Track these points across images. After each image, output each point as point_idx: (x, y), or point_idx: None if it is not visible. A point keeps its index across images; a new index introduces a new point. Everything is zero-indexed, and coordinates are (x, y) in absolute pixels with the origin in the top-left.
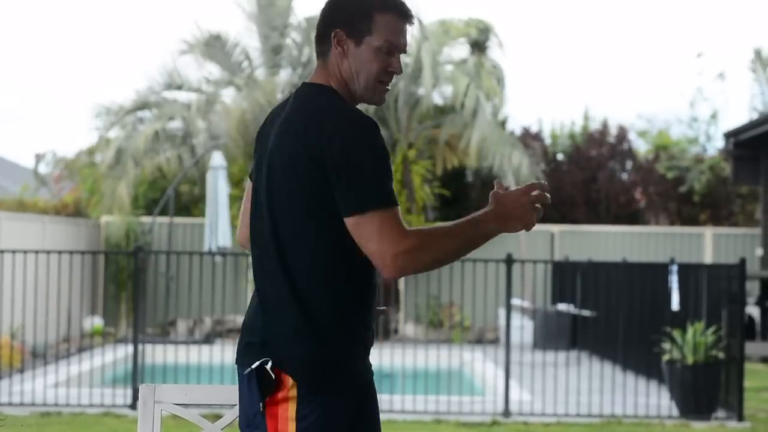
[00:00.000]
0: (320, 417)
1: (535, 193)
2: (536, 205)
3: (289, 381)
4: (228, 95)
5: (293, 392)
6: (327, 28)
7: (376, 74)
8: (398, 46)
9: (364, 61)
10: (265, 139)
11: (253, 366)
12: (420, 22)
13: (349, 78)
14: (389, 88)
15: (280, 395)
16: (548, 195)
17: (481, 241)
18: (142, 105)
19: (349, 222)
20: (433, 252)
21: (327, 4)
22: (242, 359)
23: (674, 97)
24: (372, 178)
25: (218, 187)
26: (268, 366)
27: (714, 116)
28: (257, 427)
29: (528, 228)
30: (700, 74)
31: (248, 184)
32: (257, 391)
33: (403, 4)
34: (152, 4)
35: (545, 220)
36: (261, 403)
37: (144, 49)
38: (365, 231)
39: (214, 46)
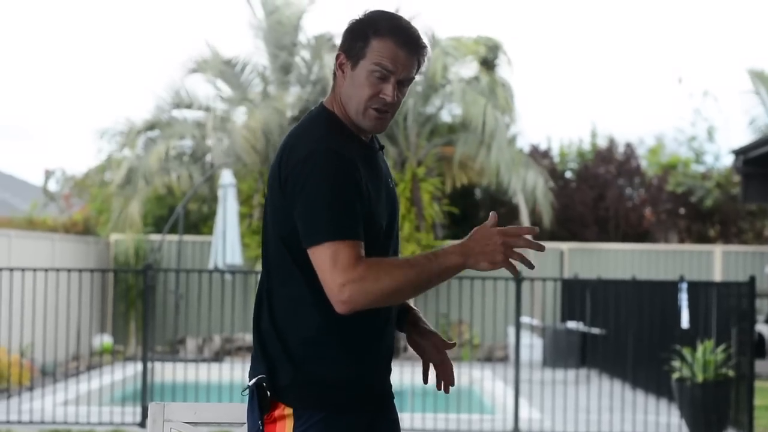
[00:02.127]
0: None
1: (519, 235)
2: (513, 247)
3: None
4: (238, 114)
5: (288, 410)
6: (338, 50)
7: (366, 99)
8: (391, 71)
9: (356, 84)
10: None
11: (250, 383)
12: (430, 39)
13: (345, 101)
14: (382, 116)
15: (277, 413)
16: (540, 244)
17: (443, 274)
18: (152, 125)
19: (308, 252)
20: (384, 282)
21: (345, 29)
22: (249, 377)
23: (675, 116)
24: (327, 210)
25: (227, 205)
26: (265, 384)
27: (711, 134)
28: None
29: (495, 266)
30: (691, 96)
31: None
32: (257, 408)
33: (405, 31)
34: (160, 23)
35: (555, 238)
36: (260, 421)
37: (152, 67)
38: (318, 262)
39: (223, 65)
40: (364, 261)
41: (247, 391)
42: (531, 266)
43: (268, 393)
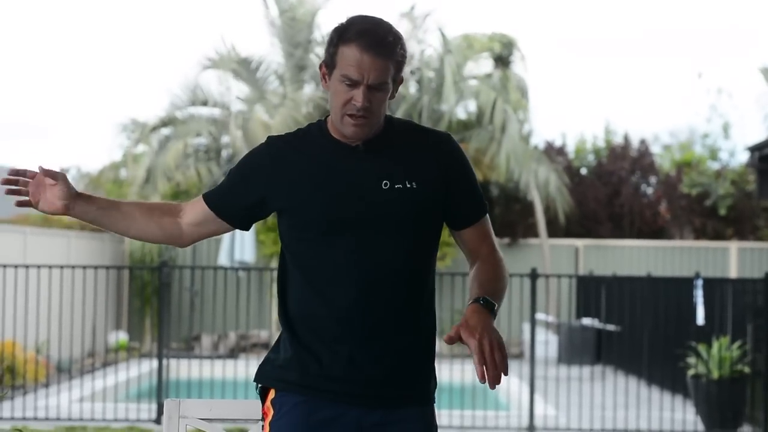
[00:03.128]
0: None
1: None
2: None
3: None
4: (254, 111)
5: (268, 403)
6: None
7: (341, 107)
8: (356, 80)
9: (332, 93)
10: None
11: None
12: (443, 36)
13: (331, 110)
14: (358, 122)
15: (265, 406)
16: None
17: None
18: (168, 121)
19: None
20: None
21: None
22: None
23: (690, 112)
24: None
25: None
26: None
27: (726, 130)
28: None
29: None
30: (708, 92)
31: None
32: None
33: (370, 35)
34: (174, 21)
35: (570, 234)
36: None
37: (167, 65)
38: None
39: (239, 63)
40: None
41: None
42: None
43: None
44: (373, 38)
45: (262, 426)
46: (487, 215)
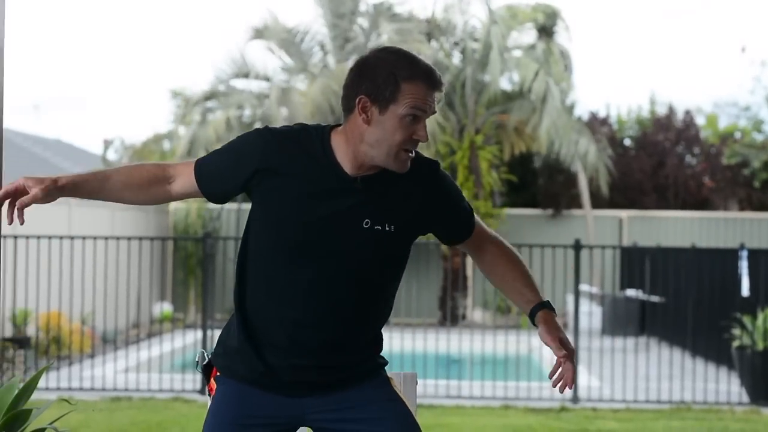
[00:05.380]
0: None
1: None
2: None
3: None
4: (298, 82)
5: (212, 381)
6: (353, 92)
7: (400, 143)
8: (424, 112)
9: (387, 129)
10: None
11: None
12: (488, 6)
13: (371, 144)
14: (411, 156)
15: (210, 383)
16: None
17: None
18: (212, 94)
19: None
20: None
21: (356, 67)
22: None
23: (734, 84)
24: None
25: None
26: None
27: None
28: None
29: None
30: (752, 63)
31: None
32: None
33: (432, 73)
34: None
35: (614, 205)
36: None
37: (211, 37)
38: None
39: (284, 33)
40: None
41: None
42: None
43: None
44: (435, 76)
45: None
46: (475, 217)
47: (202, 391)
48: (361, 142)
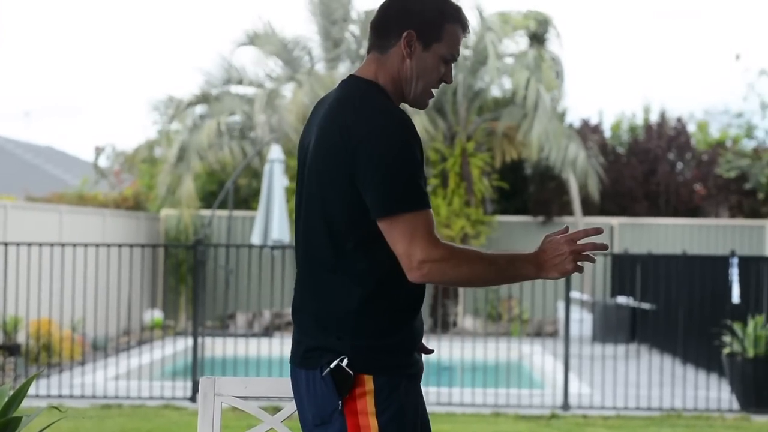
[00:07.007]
0: (398, 407)
1: (583, 241)
2: (581, 252)
3: (364, 376)
4: (289, 89)
5: (370, 386)
6: (397, 25)
7: (434, 82)
8: (456, 56)
9: (427, 67)
10: (309, 129)
11: (332, 366)
12: (481, 13)
13: (406, 79)
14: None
15: (358, 391)
16: (605, 244)
17: (517, 279)
18: (202, 99)
19: (381, 224)
20: (462, 270)
21: (397, 2)
22: (307, 362)
23: (726, 91)
24: (405, 180)
25: (274, 180)
26: (344, 363)
27: (764, 109)
28: (332, 424)
29: (564, 275)
30: (747, 70)
31: None
32: (334, 390)
33: (466, 19)
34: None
35: (605, 212)
36: (340, 401)
37: (201, 43)
38: (395, 233)
39: (276, 40)
40: (445, 244)
41: (311, 373)
42: (593, 261)
43: (351, 372)
44: (467, 21)
45: (355, 410)
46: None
47: (192, 399)
48: (396, 76)
